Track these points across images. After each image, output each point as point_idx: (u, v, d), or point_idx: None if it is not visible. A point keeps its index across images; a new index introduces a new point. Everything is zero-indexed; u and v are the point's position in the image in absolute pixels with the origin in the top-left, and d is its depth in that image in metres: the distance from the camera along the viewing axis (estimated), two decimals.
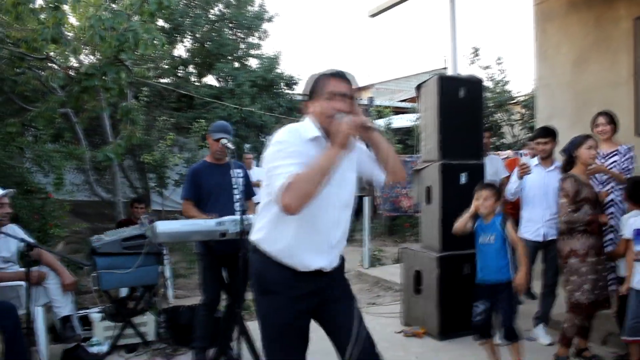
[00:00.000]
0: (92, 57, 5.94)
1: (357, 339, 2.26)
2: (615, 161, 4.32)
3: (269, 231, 2.29)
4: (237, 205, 4.12)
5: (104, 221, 8.86)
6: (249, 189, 4.34)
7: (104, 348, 4.44)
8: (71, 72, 5.07)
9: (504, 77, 11.11)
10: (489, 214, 3.76)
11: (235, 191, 4.15)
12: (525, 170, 4.50)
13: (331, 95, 2.23)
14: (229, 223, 3.70)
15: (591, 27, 5.80)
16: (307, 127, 2.28)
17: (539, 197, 4.54)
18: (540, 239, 4.50)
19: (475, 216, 3.81)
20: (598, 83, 5.73)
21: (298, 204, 2.05)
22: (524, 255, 3.64)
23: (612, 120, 4.41)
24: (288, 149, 2.15)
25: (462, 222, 3.81)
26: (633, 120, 5.36)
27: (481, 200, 3.74)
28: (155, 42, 4.74)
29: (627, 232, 3.74)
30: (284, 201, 2.05)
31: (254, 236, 2.36)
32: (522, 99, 11.17)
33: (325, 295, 2.33)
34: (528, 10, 6.68)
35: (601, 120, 4.43)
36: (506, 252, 3.70)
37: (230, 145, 3.88)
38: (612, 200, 4.29)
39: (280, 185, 2.06)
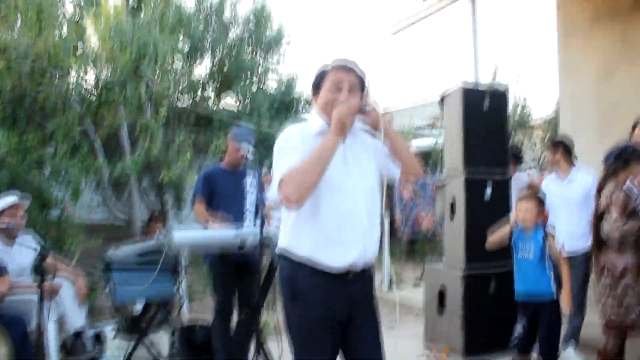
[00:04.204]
0: (111, 72, 5.94)
1: None
2: None
3: (293, 234, 2.22)
4: (246, 215, 4.12)
5: (119, 243, 8.76)
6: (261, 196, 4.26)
7: None
8: (90, 86, 5.05)
9: (524, 98, 10.99)
10: (530, 226, 3.57)
11: (247, 200, 4.12)
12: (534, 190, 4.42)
13: (334, 86, 2.22)
14: (247, 234, 3.60)
15: (617, 40, 5.67)
16: (312, 122, 2.28)
17: (559, 210, 4.39)
18: (564, 254, 4.32)
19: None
20: (625, 96, 5.56)
21: (297, 195, 2.03)
22: (567, 272, 3.46)
23: None
24: (288, 146, 2.17)
25: (498, 237, 3.64)
26: None
27: (522, 212, 3.55)
28: (176, 52, 4.71)
29: None
30: (283, 194, 2.05)
31: (280, 245, 2.29)
32: (542, 119, 11.01)
33: (356, 309, 2.21)
34: (550, 26, 6.59)
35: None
36: (545, 268, 3.52)
37: (250, 156, 3.80)
38: None
39: (277, 181, 2.08)
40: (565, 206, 4.40)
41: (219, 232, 3.66)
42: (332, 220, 2.14)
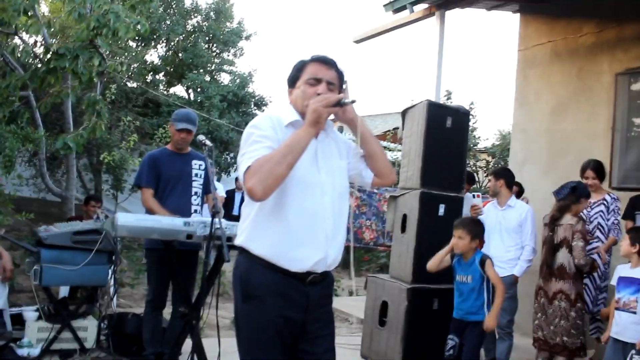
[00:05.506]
0: (63, 38, 5.56)
1: None
2: (600, 211, 4.30)
3: (253, 230, 2.08)
4: (194, 198, 4.05)
5: (50, 221, 8.31)
6: (208, 183, 4.12)
7: (35, 351, 4.01)
8: (39, 51, 4.70)
9: (474, 123, 11.27)
10: (467, 252, 3.69)
11: (195, 183, 4.06)
12: (476, 211, 4.63)
13: (311, 80, 2.13)
14: (197, 225, 3.43)
15: (573, 78, 5.88)
16: (285, 113, 2.17)
17: (492, 235, 4.52)
18: None
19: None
20: (575, 133, 5.77)
21: (262, 187, 1.90)
22: (501, 296, 3.57)
23: (599, 173, 4.42)
24: (258, 134, 2.04)
25: (436, 260, 3.79)
26: (608, 173, 5.37)
27: (455, 238, 3.68)
28: (138, 26, 4.45)
29: (613, 279, 3.70)
30: (248, 185, 1.92)
31: (239, 239, 2.14)
32: (489, 146, 11.34)
33: (311, 313, 2.10)
34: (505, 57, 6.77)
35: (590, 174, 4.41)
36: (482, 293, 3.64)
37: (208, 142, 3.62)
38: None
39: (243, 169, 1.97)
40: (499, 232, 4.56)
41: (167, 220, 3.47)
42: (296, 218, 2.02)
